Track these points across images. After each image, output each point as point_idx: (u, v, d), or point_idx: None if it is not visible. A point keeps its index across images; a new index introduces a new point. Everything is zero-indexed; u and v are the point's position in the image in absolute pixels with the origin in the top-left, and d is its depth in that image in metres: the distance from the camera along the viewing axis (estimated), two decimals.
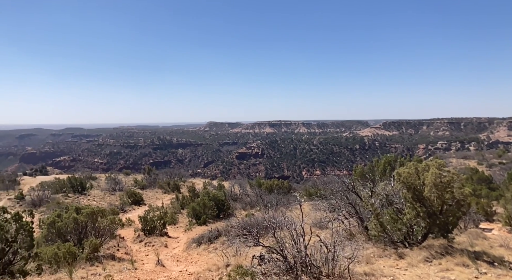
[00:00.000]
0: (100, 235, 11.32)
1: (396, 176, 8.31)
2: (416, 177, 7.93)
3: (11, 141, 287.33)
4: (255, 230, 7.30)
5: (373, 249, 8.09)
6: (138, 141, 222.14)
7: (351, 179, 13.33)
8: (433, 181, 7.43)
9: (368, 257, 7.38)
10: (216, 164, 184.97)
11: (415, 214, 7.72)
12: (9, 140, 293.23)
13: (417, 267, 6.85)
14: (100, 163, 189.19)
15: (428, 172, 7.71)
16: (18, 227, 7.25)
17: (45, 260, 8.28)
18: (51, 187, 27.80)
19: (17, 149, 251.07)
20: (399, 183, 8.22)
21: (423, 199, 7.70)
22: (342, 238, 6.81)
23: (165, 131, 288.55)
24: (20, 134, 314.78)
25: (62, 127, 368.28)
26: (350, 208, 10.09)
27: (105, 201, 25.39)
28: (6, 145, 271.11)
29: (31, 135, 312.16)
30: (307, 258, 6.18)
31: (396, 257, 7.45)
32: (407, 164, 8.75)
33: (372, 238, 8.56)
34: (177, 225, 17.94)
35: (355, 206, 9.95)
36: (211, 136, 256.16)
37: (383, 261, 7.34)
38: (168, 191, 29.52)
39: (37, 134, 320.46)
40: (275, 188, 24.41)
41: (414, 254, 7.41)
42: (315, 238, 6.68)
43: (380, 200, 9.23)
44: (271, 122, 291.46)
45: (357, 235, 9.29)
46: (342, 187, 11.17)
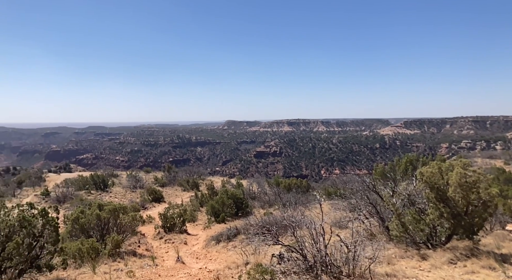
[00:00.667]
0: (121, 232, 11.55)
1: (419, 176, 8.12)
2: (439, 177, 7.73)
3: (37, 139, 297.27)
4: (274, 228, 7.29)
5: (395, 249, 7.94)
6: (158, 140, 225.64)
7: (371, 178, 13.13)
8: (457, 181, 7.21)
9: (390, 257, 7.25)
10: (234, 162, 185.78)
11: (438, 215, 7.52)
12: (35, 138, 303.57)
13: (441, 269, 6.68)
14: (121, 161, 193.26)
15: (452, 172, 7.49)
16: (45, 223, 7.47)
17: (70, 255, 8.52)
18: (75, 184, 28.59)
19: (43, 147, 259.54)
20: (421, 182, 8.03)
21: (447, 200, 7.49)
22: (362, 238, 6.72)
23: (185, 129, 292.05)
24: (46, 132, 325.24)
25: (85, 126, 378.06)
26: (371, 207, 9.94)
27: (126, 198, 25.92)
28: (32, 143, 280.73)
29: (55, 133, 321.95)
30: (327, 258, 6.12)
31: (418, 258, 7.29)
32: (430, 163, 8.53)
33: (393, 238, 8.40)
34: (196, 222, 18.13)
35: (375, 206, 9.79)
36: (230, 135, 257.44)
37: (405, 262, 7.19)
38: (187, 189, 29.87)
39: (61, 132, 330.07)
40: (293, 187, 24.32)
41: (438, 256, 7.23)
42: (335, 238, 6.61)
43: (402, 200, 9.05)
44: (289, 120, 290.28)
45: (378, 235, 9.14)
46: (362, 186, 11.01)
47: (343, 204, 13.82)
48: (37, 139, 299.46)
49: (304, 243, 6.53)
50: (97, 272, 7.59)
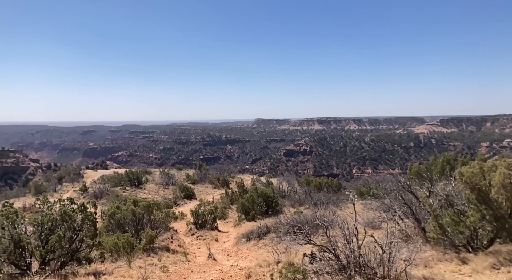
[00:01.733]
0: (155, 227, 11.87)
1: (458, 176, 7.75)
2: (481, 177, 7.34)
3: (75, 137, 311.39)
4: (306, 228, 7.21)
5: (432, 252, 7.64)
6: (189, 138, 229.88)
7: (406, 178, 12.71)
8: (501, 182, 6.81)
9: (427, 260, 6.98)
10: (263, 160, 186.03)
11: (479, 217, 7.15)
12: (74, 136, 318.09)
13: (483, 274, 6.34)
14: (154, 158, 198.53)
15: (495, 172, 7.09)
16: (84, 217, 7.80)
17: (107, 249, 8.85)
18: (111, 180, 29.69)
19: (81, 144, 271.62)
20: (461, 183, 7.66)
21: (489, 201, 7.10)
22: (398, 239, 6.50)
23: (215, 128, 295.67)
24: (83, 130, 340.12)
25: (120, 124, 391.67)
26: (406, 208, 9.62)
27: (159, 194, 26.60)
28: (71, 140, 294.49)
29: (92, 132, 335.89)
30: (360, 258, 5.98)
31: (458, 262, 6.97)
32: (470, 163, 8.13)
33: (430, 240, 8.08)
34: (226, 220, 18.31)
35: (411, 206, 9.47)
36: (259, 133, 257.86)
37: (443, 265, 6.89)
38: (218, 186, 30.21)
39: (98, 130, 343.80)
40: (324, 186, 23.98)
41: (479, 260, 6.87)
42: (369, 238, 6.44)
43: (439, 201, 8.68)
44: (320, 118, 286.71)
45: (414, 237, 8.83)
46: (396, 186, 10.68)
47: (376, 204, 13.48)
48: (75, 137, 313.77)
49: (337, 243, 6.41)
50: (132, 267, 7.83)
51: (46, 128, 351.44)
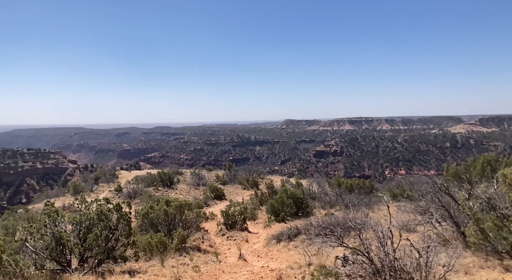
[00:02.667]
0: (187, 227, 12.06)
1: (501, 178, 7.34)
2: None
3: (110, 139, 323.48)
4: (338, 230, 7.06)
5: (473, 258, 7.26)
6: (219, 139, 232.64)
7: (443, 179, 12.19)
8: None
9: (467, 267, 6.64)
10: (293, 161, 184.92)
11: None
12: (109, 137, 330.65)
13: None
14: (185, 159, 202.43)
15: None
16: (119, 217, 8.05)
17: (141, 248, 9.09)
18: (144, 181, 30.53)
19: (115, 146, 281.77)
20: (504, 185, 7.24)
21: None
22: (435, 244, 6.23)
23: (244, 129, 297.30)
24: (118, 132, 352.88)
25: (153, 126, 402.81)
26: (443, 211, 9.21)
27: (191, 195, 27.04)
28: (106, 142, 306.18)
29: (126, 133, 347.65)
30: (396, 262, 5.77)
31: (501, 270, 6.58)
32: None
33: (471, 246, 7.69)
34: (256, 221, 18.32)
35: (449, 209, 9.06)
36: (288, 134, 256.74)
37: (485, 272, 6.53)
38: (247, 187, 30.31)
39: (131, 132, 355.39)
40: (355, 187, 23.51)
41: None
42: (404, 242, 6.21)
43: (480, 204, 8.25)
44: (350, 119, 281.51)
45: (452, 242, 8.44)
46: (433, 188, 10.26)
47: (410, 206, 13.03)
48: (110, 138, 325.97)
49: (371, 246, 6.23)
50: (165, 266, 7.98)
51: (83, 130, 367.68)
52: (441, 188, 9.64)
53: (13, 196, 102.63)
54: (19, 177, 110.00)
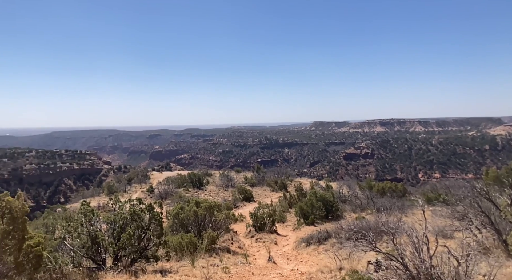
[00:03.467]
0: (216, 228, 12.15)
1: None
2: None
3: (143, 141, 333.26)
4: (371, 234, 6.87)
5: None
6: (247, 141, 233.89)
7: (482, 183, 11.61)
8: None
9: (510, 276, 6.27)
10: (322, 164, 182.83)
11: None
12: (142, 139, 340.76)
13: None
14: (214, 161, 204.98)
15: None
16: (151, 217, 8.23)
17: (172, 248, 9.25)
18: (175, 182, 31.15)
19: (147, 148, 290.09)
20: None
21: None
22: (475, 252, 5.92)
23: (272, 131, 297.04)
24: (150, 134, 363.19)
25: (183, 128, 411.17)
26: (483, 217, 8.76)
27: (220, 196, 27.28)
28: (139, 144, 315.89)
29: (158, 135, 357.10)
30: (432, 270, 5.53)
31: None
32: None
33: None
34: (285, 223, 18.19)
35: (489, 216, 8.60)
36: (317, 136, 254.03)
37: None
38: (276, 190, 30.20)
39: (163, 134, 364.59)
40: (387, 191, 22.85)
41: None
42: (441, 249, 5.95)
43: None
44: (382, 120, 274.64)
45: (493, 250, 8.00)
46: (471, 192, 9.78)
47: (447, 211, 12.50)
48: (143, 140, 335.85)
49: (405, 251, 6.01)
50: (195, 266, 8.07)
51: (117, 132, 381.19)
52: (480, 193, 9.18)
53: (52, 196, 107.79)
54: (57, 177, 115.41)
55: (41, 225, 14.40)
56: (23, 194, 5.58)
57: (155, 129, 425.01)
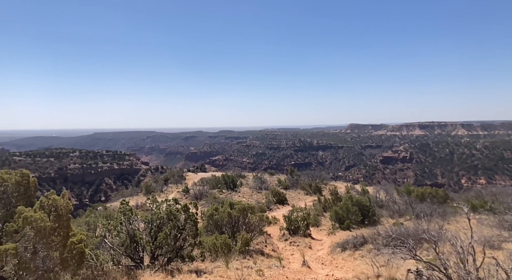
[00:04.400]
0: (250, 230, 12.16)
1: None
2: None
3: (179, 142, 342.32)
4: (411, 242, 6.58)
5: None
6: (280, 143, 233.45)
7: None
8: None
9: None
10: (358, 167, 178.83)
11: None
12: (178, 141, 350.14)
13: None
14: (247, 163, 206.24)
15: None
16: (186, 217, 8.37)
17: (206, 249, 9.35)
18: (209, 183, 31.58)
19: (183, 149, 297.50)
20: None
21: None
22: None
23: (306, 133, 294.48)
24: (186, 136, 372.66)
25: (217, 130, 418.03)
26: None
27: (253, 198, 27.34)
28: (175, 145, 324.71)
29: (193, 137, 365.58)
30: None
31: None
32: None
33: None
34: (320, 227, 17.93)
35: None
36: (353, 139, 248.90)
37: None
38: (310, 193, 29.83)
39: (198, 136, 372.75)
40: (427, 196, 21.87)
41: None
42: (488, 260, 5.59)
43: None
44: (421, 123, 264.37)
45: None
46: None
47: (494, 220, 11.78)
48: (179, 142, 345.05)
49: (448, 261, 5.70)
50: (230, 267, 8.11)
51: (155, 134, 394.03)
52: None
53: (93, 194, 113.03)
54: (99, 177, 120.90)
55: (83, 223, 15.05)
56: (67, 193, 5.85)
57: (190, 131, 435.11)
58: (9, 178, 5.61)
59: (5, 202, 5.57)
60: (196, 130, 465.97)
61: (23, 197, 5.69)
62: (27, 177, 5.84)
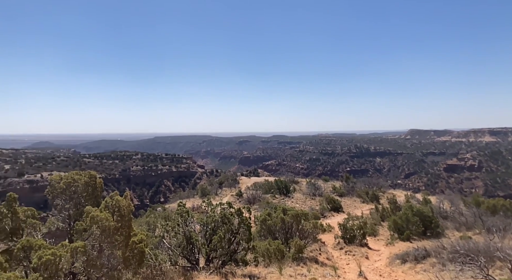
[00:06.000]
0: (304, 237, 11.96)
1: None
2: None
3: (232, 146, 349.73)
4: (482, 259, 5.99)
5: None
6: (335, 149, 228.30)
7: None
8: None
9: None
10: (419, 175, 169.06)
11: None
12: (232, 145, 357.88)
13: None
14: (301, 168, 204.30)
15: None
16: (240, 221, 8.43)
17: (260, 254, 9.34)
18: (262, 187, 31.72)
19: (237, 153, 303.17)
20: None
21: None
22: None
23: (362, 139, 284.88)
24: (239, 140, 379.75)
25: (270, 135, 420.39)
26: None
27: (306, 204, 26.94)
28: (229, 149, 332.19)
29: (246, 142, 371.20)
30: None
31: None
32: None
33: None
34: (377, 237, 17.14)
35: None
36: (413, 145, 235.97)
37: None
38: (367, 201, 28.75)
39: (251, 140, 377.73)
40: (500, 208, 19.93)
41: None
42: None
43: None
44: (492, 129, 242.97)
45: None
46: None
47: None
48: (232, 146, 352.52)
49: None
50: (283, 274, 8.01)
51: (210, 138, 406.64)
52: None
53: (154, 195, 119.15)
54: (158, 179, 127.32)
55: (144, 223, 15.82)
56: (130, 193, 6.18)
57: (244, 135, 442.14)
58: (79, 179, 6.05)
59: (76, 201, 6.02)
60: (249, 134, 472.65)
61: (91, 197, 6.11)
62: (94, 178, 6.26)
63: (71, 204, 6.00)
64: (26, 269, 5.16)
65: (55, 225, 6.03)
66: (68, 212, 5.99)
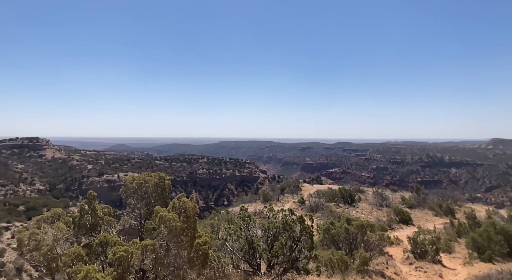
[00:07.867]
0: (369, 249, 11.38)
1: None
2: None
3: (295, 153, 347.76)
4: None
5: None
6: (405, 157, 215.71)
7: None
8: None
9: None
10: (503, 189, 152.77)
11: None
12: (294, 151, 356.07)
13: None
14: (367, 177, 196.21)
15: None
16: (302, 229, 8.26)
17: (322, 263, 9.05)
18: (325, 195, 30.97)
19: (299, 159, 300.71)
20: None
21: None
22: None
23: (435, 148, 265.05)
24: (302, 147, 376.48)
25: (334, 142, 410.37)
26: None
27: (373, 215, 25.72)
28: (291, 155, 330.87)
29: (309, 148, 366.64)
30: None
31: None
32: None
33: None
34: (453, 254, 15.71)
35: None
36: (496, 156, 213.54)
37: None
38: (440, 214, 26.60)
39: (314, 147, 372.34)
40: None
41: None
42: None
43: None
44: None
45: None
46: None
47: None
48: (295, 152, 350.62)
49: None
50: None
51: (272, 144, 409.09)
52: None
53: (218, 198, 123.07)
54: (222, 182, 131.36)
55: (208, 225, 16.31)
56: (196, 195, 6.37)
57: (306, 142, 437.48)
58: (149, 180, 6.41)
59: (146, 201, 6.39)
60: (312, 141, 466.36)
61: (160, 197, 6.44)
62: (163, 180, 6.59)
63: (142, 203, 6.37)
64: (103, 263, 5.58)
65: (128, 223, 6.46)
66: (140, 211, 6.37)
